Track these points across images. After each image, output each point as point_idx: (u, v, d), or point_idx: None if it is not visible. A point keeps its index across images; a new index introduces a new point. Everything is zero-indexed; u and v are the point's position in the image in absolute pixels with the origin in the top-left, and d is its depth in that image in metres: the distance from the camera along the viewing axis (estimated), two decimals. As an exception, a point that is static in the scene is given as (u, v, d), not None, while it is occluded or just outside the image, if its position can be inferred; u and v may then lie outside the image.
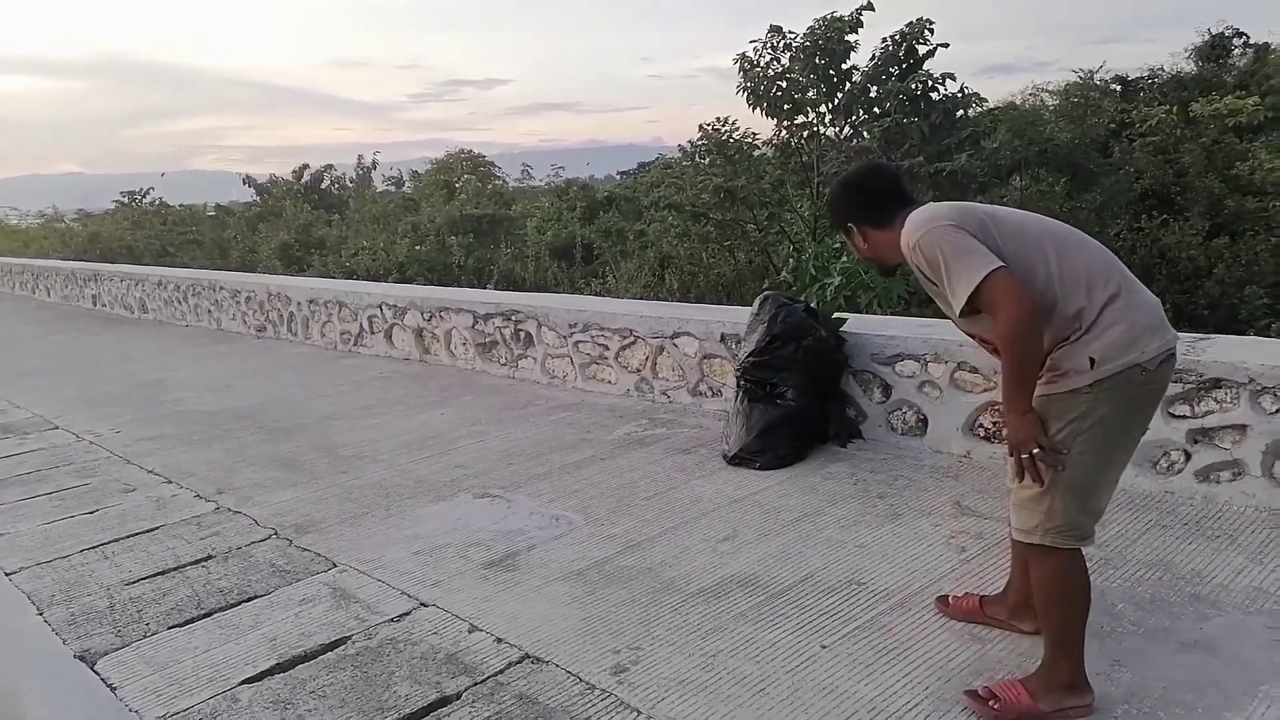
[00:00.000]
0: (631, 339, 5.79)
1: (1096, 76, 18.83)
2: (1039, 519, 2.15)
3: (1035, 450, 2.11)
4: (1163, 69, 18.68)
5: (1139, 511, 3.52)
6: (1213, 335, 4.01)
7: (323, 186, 27.28)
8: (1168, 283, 12.07)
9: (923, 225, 2.19)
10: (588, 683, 2.54)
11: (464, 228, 17.33)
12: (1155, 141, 14.47)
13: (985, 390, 4.19)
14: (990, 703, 2.28)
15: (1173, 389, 3.63)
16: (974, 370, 4.21)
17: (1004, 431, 2.36)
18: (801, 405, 4.41)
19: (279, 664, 2.73)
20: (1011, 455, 2.18)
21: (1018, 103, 18.75)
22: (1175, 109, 14.95)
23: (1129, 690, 2.37)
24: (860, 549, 3.32)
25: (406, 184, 28.05)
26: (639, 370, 5.77)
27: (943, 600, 2.82)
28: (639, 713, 2.39)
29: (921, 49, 11.24)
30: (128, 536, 3.84)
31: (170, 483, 4.58)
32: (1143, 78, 18.72)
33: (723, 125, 12.26)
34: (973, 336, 2.38)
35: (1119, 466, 2.21)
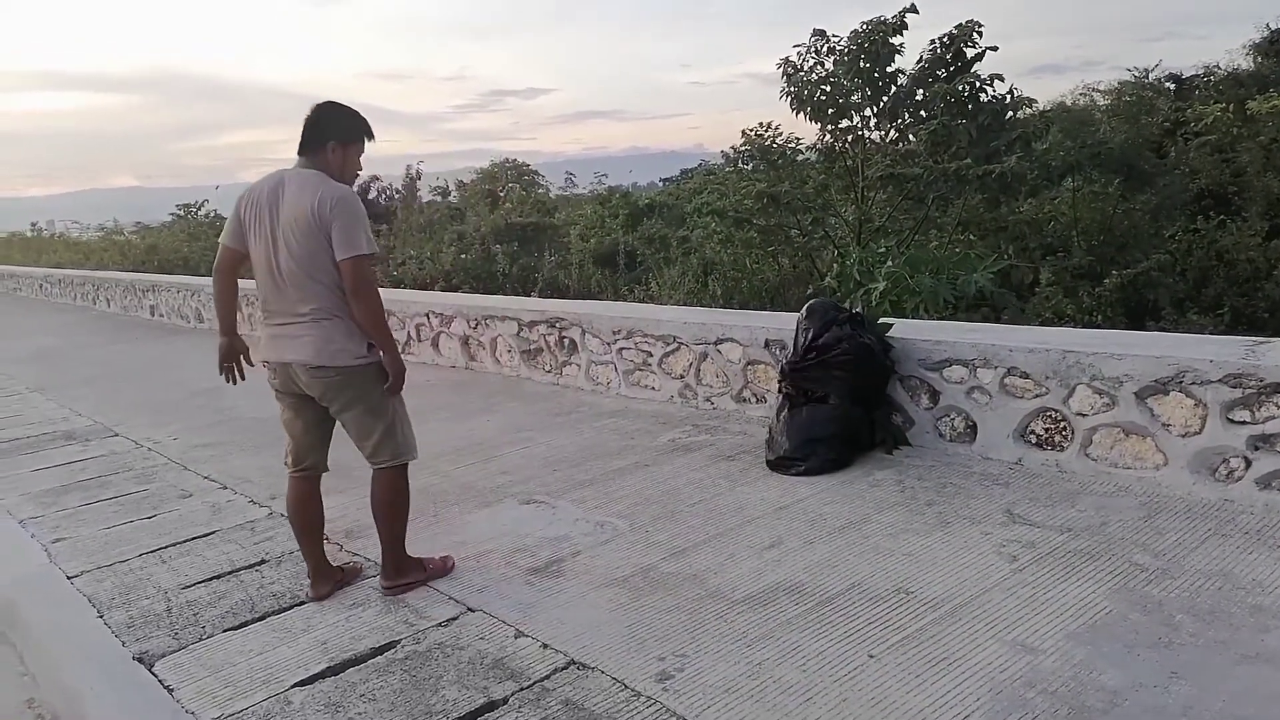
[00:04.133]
0: (675, 345, 5.79)
1: (1150, 75, 18.44)
2: None
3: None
4: (1219, 66, 18.26)
5: (1197, 520, 3.43)
6: (1272, 339, 3.90)
7: (369, 197, 27.75)
8: (1225, 284, 11.77)
9: None
10: (633, 689, 2.54)
11: (508, 236, 17.51)
12: (1211, 140, 14.14)
13: (1037, 396, 4.11)
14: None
15: (1231, 394, 3.54)
16: (1025, 376, 4.14)
17: None
18: (844, 411, 4.38)
19: (330, 667, 2.77)
20: None
21: (1068, 103, 18.45)
22: (1232, 107, 14.58)
23: (1187, 703, 2.31)
24: (908, 557, 3.28)
25: (452, 193, 28.40)
26: (683, 376, 5.77)
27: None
28: (684, 720, 2.38)
29: (970, 51, 11.10)
30: (185, 541, 3.94)
31: (225, 488, 4.68)
32: (1198, 75, 18.31)
33: (765, 130, 12.23)
34: None
35: (287, 425, 3.39)
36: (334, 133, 3.00)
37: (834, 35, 11.39)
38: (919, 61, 11.29)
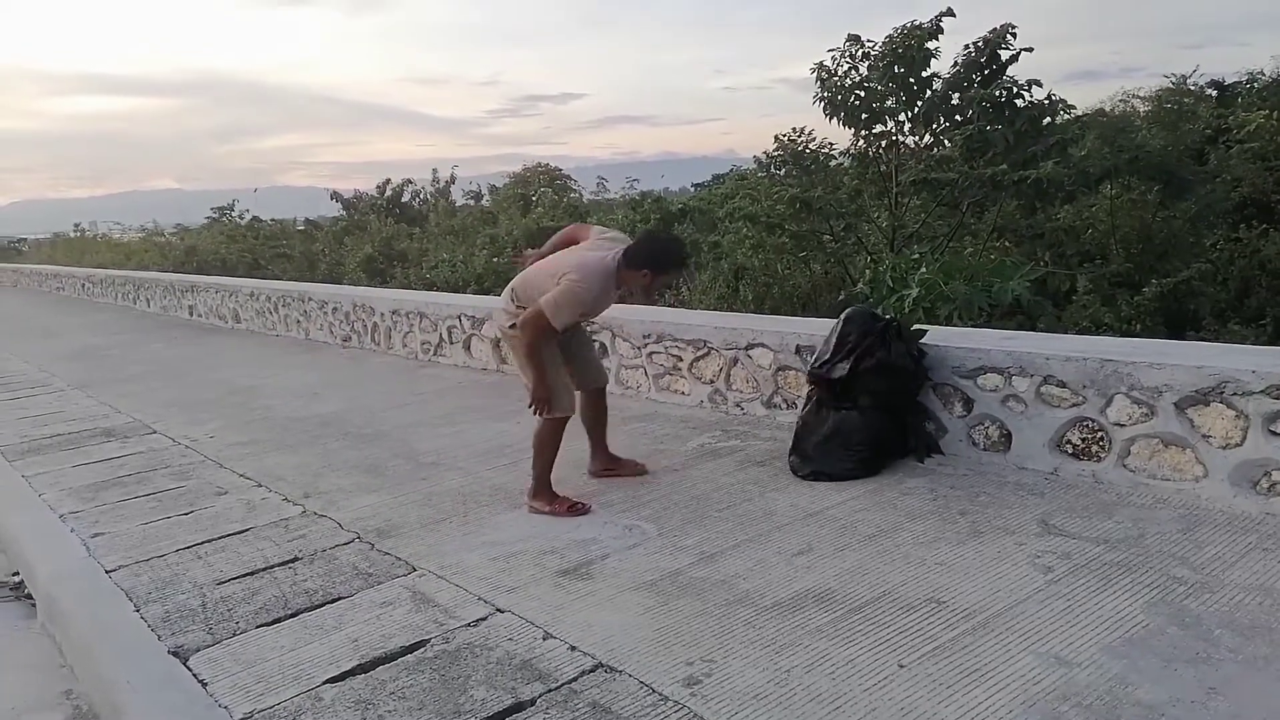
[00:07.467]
0: (705, 350, 5.78)
1: (1190, 81, 18.14)
2: None
3: None
4: (1262, 72, 17.89)
5: (1237, 534, 3.37)
6: (1319, 350, 3.82)
7: (403, 201, 28.00)
8: (1268, 295, 11.53)
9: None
10: (660, 693, 2.54)
11: (540, 240, 17.58)
12: (1254, 148, 13.86)
13: (1074, 405, 4.06)
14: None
15: (1274, 406, 3.47)
16: (1061, 384, 4.08)
17: None
18: (871, 418, 4.33)
19: (361, 665, 2.79)
20: None
21: (1107, 109, 18.20)
22: (1276, 114, 14.29)
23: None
24: (940, 566, 3.25)
25: (485, 198, 28.59)
26: (713, 381, 5.76)
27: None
28: (712, 725, 2.37)
29: (1005, 54, 10.99)
30: (220, 538, 3.99)
31: (260, 486, 4.74)
32: (1240, 82, 17.97)
33: (798, 135, 12.19)
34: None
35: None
36: (654, 263, 3.85)
37: (868, 40, 11.34)
38: (953, 66, 11.20)
